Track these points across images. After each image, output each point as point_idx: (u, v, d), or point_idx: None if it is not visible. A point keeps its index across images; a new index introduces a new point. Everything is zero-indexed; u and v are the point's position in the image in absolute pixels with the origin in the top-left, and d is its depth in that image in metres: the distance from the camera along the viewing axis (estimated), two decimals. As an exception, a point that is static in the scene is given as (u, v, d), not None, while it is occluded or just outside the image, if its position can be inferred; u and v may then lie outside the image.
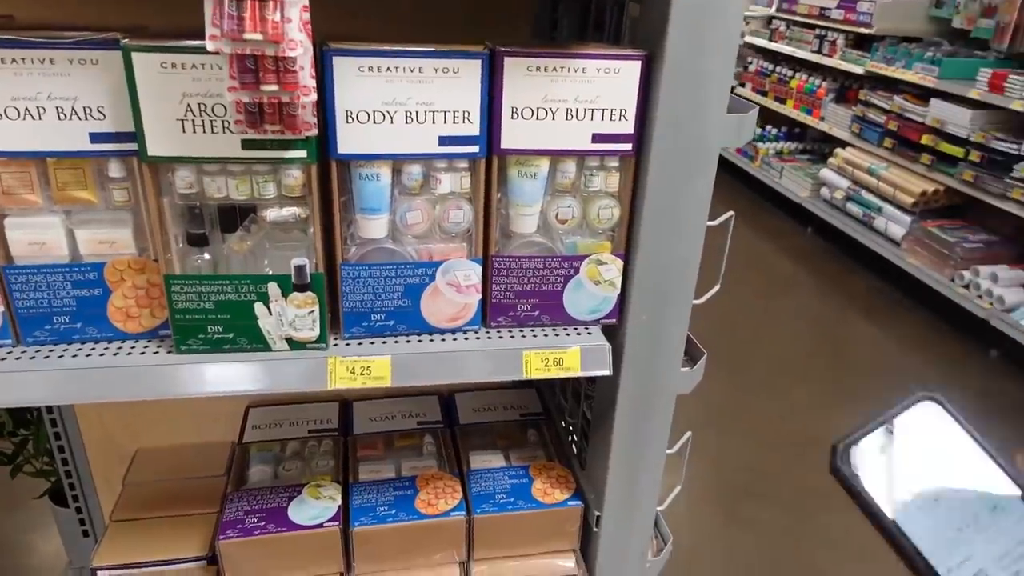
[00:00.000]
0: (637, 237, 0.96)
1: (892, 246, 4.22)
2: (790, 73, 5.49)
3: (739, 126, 0.94)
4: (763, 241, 4.97)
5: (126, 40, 0.77)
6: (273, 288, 0.89)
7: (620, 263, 0.99)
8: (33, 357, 0.90)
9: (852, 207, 4.56)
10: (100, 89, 0.80)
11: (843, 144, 4.83)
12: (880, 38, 4.47)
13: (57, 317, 0.90)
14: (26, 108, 0.80)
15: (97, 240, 0.88)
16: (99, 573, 1.24)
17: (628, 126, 0.92)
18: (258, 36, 0.68)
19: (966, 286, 3.69)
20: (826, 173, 4.83)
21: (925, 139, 4.05)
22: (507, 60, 0.86)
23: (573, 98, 0.90)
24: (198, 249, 0.88)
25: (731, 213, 1.04)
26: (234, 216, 0.87)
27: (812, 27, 5.14)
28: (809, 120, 5.22)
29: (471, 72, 0.86)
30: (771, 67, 5.73)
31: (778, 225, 5.25)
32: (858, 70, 4.60)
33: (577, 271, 0.99)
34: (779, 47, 5.53)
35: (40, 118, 0.80)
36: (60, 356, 0.90)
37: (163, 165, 0.83)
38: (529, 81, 0.88)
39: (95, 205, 0.87)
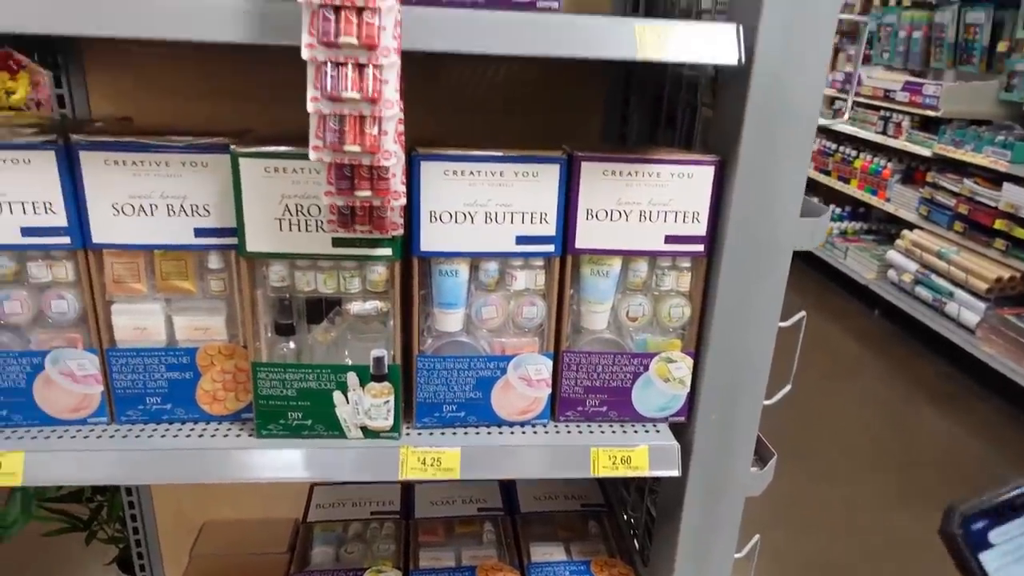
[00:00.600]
0: (708, 336, 0.97)
1: (965, 333, 4.07)
2: (854, 153, 5.46)
3: (812, 230, 0.94)
4: (828, 322, 4.85)
5: (235, 146, 0.83)
6: (352, 378, 0.93)
7: (690, 361, 1.00)
8: (125, 436, 0.94)
9: (921, 291, 4.43)
10: (207, 189, 0.87)
11: (910, 226, 4.73)
12: (947, 120, 4.43)
13: (150, 398, 0.95)
14: (140, 205, 0.86)
15: (193, 327, 0.93)
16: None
17: (700, 228, 0.94)
18: (356, 148, 0.73)
19: (1048, 377, 3.51)
20: (893, 255, 4.73)
21: (999, 224, 3.95)
22: (584, 165, 0.90)
23: (647, 201, 0.92)
24: (285, 338, 0.92)
25: (803, 314, 1.04)
26: (320, 308, 0.91)
27: (876, 108, 5.13)
28: (874, 201, 5.15)
29: (549, 176, 0.90)
30: (834, 147, 5.72)
31: (843, 306, 5.13)
32: (925, 152, 4.54)
33: (647, 368, 1.00)
34: (843, 127, 5.53)
35: (152, 214, 0.87)
36: (149, 436, 0.95)
37: (259, 259, 0.89)
38: (605, 184, 0.91)
39: (193, 294, 0.92)
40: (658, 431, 1.02)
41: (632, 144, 1.29)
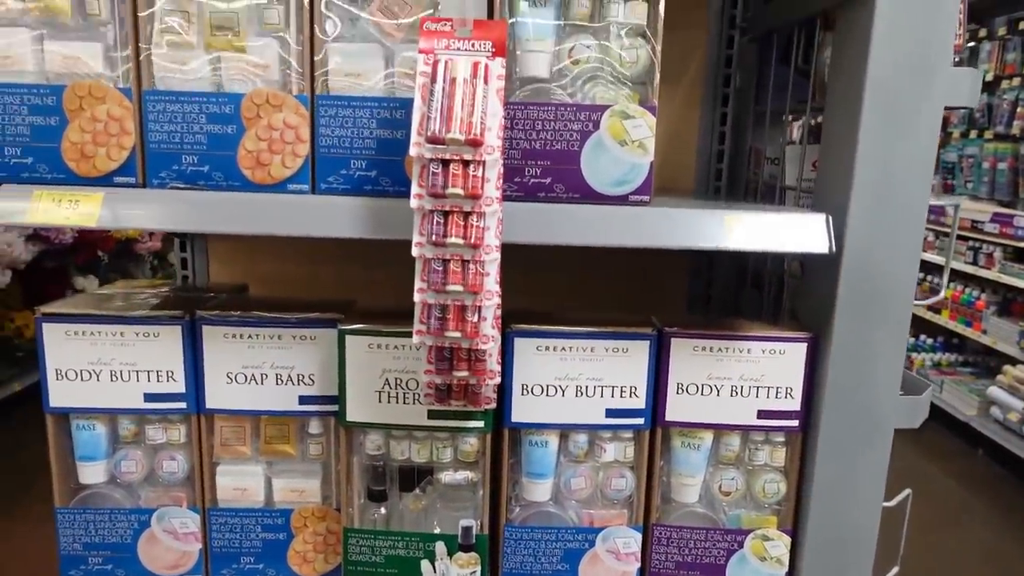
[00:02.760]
0: (806, 515, 0.93)
1: (1085, 479, 3.73)
2: (936, 280, 5.29)
3: (914, 408, 0.92)
4: (926, 462, 4.54)
5: (341, 324, 0.89)
6: (440, 547, 0.93)
7: (787, 540, 0.96)
8: (218, 596, 0.96)
9: (1030, 431, 4.13)
10: (314, 359, 0.92)
11: (1011, 360, 4.48)
12: (1044, 253, 4.27)
13: (244, 557, 0.98)
14: (252, 374, 0.92)
15: (290, 488, 0.96)
16: None
17: (794, 404, 0.92)
18: (457, 335, 0.77)
19: None
20: (996, 392, 4.46)
21: (1111, 361, 3.69)
22: (674, 341, 0.91)
23: (738, 376, 0.92)
24: (376, 504, 0.94)
25: (908, 492, 0.99)
26: (413, 477, 0.93)
27: (964, 239, 5.01)
28: (969, 332, 4.92)
29: (639, 351, 0.91)
30: (921, 276, 5.56)
31: (943, 444, 4.81)
32: (1021, 284, 4.36)
33: (741, 545, 0.96)
34: (929, 257, 5.39)
35: (262, 383, 0.92)
36: (241, 598, 0.96)
37: (357, 428, 0.92)
38: (695, 359, 0.92)
39: (293, 457, 0.96)
40: (755, 615, 0.97)
41: (716, 308, 1.30)
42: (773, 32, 1.12)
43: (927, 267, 5.53)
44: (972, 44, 5.01)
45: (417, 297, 0.77)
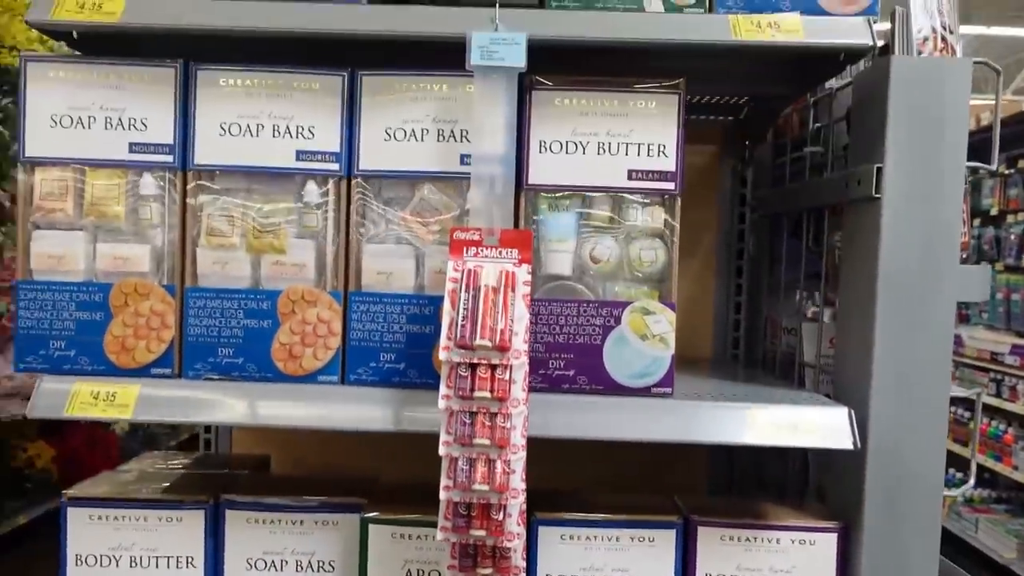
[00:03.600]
0: None
1: None
2: (968, 414, 5.18)
3: (952, 603, 0.89)
4: (967, 609, 4.28)
5: (365, 510, 0.89)
6: None
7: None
8: None
9: (1076, 577, 3.90)
10: (335, 547, 0.91)
11: (1047, 498, 4.31)
12: (1069, 385, 4.20)
13: None
14: (272, 561, 0.91)
15: None
16: None
17: (828, 597, 0.90)
18: (482, 532, 0.76)
19: None
20: (1034, 533, 4.25)
21: None
22: (700, 530, 0.90)
23: (767, 568, 0.90)
24: None
25: None
26: (433, 675, 0.90)
27: (985, 370, 4.95)
28: (999, 468, 4.77)
29: (666, 541, 0.90)
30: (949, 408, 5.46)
31: (982, 590, 4.54)
32: (1049, 418, 4.26)
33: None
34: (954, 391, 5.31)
35: (281, 569, 0.91)
36: None
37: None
38: (723, 549, 0.90)
39: (308, 649, 0.93)
40: None
41: (739, 480, 1.28)
42: (782, 214, 1.17)
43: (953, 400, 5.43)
44: (971, 179, 5.17)
45: (443, 495, 0.77)
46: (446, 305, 0.76)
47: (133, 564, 0.90)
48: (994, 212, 4.93)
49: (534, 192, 0.86)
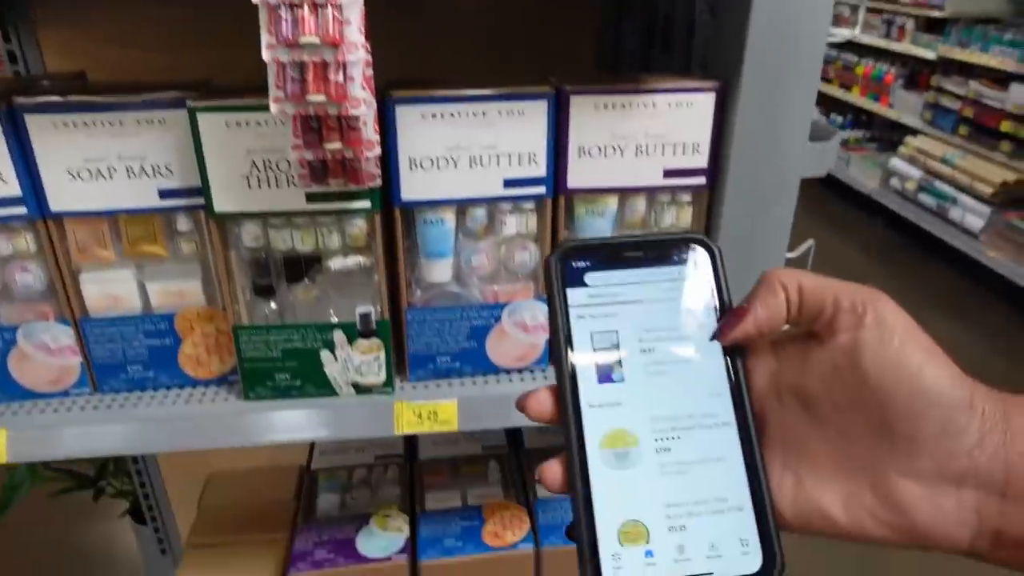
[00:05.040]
0: (711, 273, 0.92)
1: (969, 239, 4.02)
2: (855, 59, 5.28)
3: (821, 155, 0.88)
4: (831, 235, 4.80)
5: (191, 100, 0.76)
6: (339, 336, 0.89)
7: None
8: (109, 407, 0.91)
9: (925, 198, 4.36)
10: (167, 147, 0.80)
11: (914, 132, 4.62)
12: (954, 20, 4.25)
13: (131, 366, 0.92)
14: (98, 168, 0.80)
15: (167, 291, 0.88)
16: (177, 602, 1.27)
17: (701, 160, 0.88)
18: (321, 98, 0.66)
19: (1053, 281, 3.49)
20: (896, 163, 4.63)
21: (1005, 126, 3.84)
22: (573, 99, 0.83)
23: (643, 133, 0.86)
24: (265, 300, 0.88)
25: (811, 242, 0.99)
26: (299, 267, 0.86)
27: (879, 11, 4.93)
28: (876, 108, 5.01)
29: (536, 113, 0.83)
30: (835, 54, 5.53)
31: (845, 218, 5.06)
32: (930, 55, 4.38)
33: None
34: (842, 31, 5.32)
35: (111, 177, 0.81)
36: (135, 405, 0.92)
37: (230, 219, 0.83)
38: (597, 118, 0.84)
39: (165, 258, 0.87)
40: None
41: (626, 72, 1.21)
42: None
43: (842, 45, 5.48)
44: None
45: (267, 55, 0.65)
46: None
47: (-71, 182, 0.78)
48: None
49: None
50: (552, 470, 0.42)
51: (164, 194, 0.83)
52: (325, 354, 0.90)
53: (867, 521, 0.38)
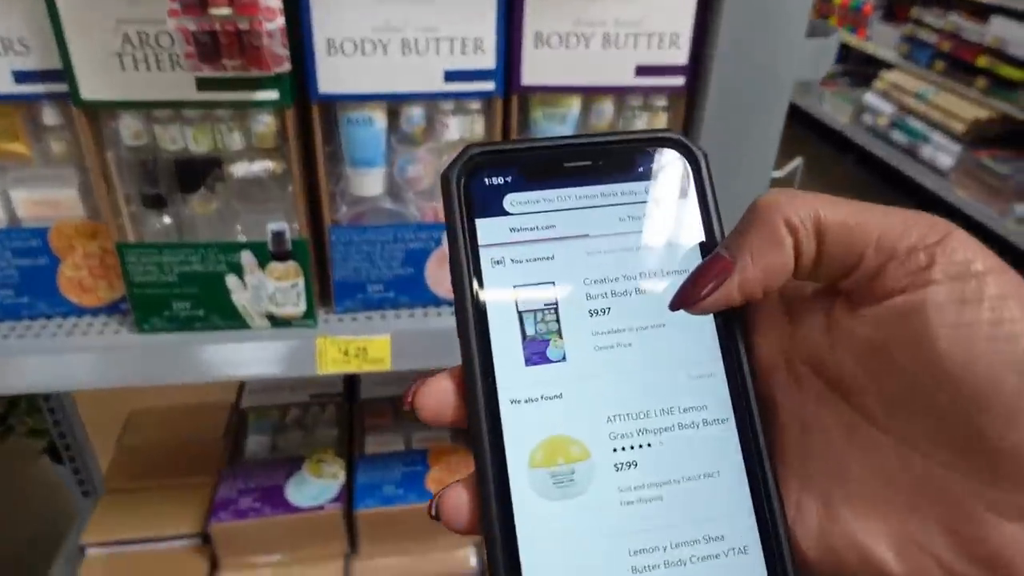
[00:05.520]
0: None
1: (939, 177, 3.96)
2: (834, -13, 5.09)
3: (818, 55, 0.75)
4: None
5: (40, -51, 0.60)
6: (247, 257, 0.75)
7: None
8: (-26, 339, 0.77)
9: (897, 135, 4.27)
10: (20, 19, 0.64)
11: (889, 66, 4.50)
12: (937, -53, 4.09)
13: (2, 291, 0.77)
14: (-73, 39, 0.64)
15: (35, 201, 0.73)
16: (88, 550, 1.16)
17: (681, 55, 0.74)
18: (227, 12, 0.51)
19: (1020, 220, 3.46)
20: (870, 98, 4.52)
21: (981, 61, 3.73)
22: (529, -28, 0.68)
23: (612, 21, 0.71)
24: (156, 212, 0.73)
25: (799, 161, 0.87)
26: (194, 172, 0.71)
27: (861, -64, 4.73)
28: (853, 40, 4.86)
29: (484, -12, 0.68)
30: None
31: (815, 154, 4.97)
32: (910, -16, 4.22)
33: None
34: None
35: (-54, 52, 0.64)
36: (6, 336, 0.77)
37: (103, 111, 0.67)
38: (558, 1, 0.70)
39: (30, 160, 0.71)
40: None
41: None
42: None
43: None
44: None
45: None
46: None
47: None
48: None
49: None
50: (453, 500, 0.27)
51: (20, 77, 0.66)
52: (232, 279, 0.76)
53: (935, 573, 0.25)
